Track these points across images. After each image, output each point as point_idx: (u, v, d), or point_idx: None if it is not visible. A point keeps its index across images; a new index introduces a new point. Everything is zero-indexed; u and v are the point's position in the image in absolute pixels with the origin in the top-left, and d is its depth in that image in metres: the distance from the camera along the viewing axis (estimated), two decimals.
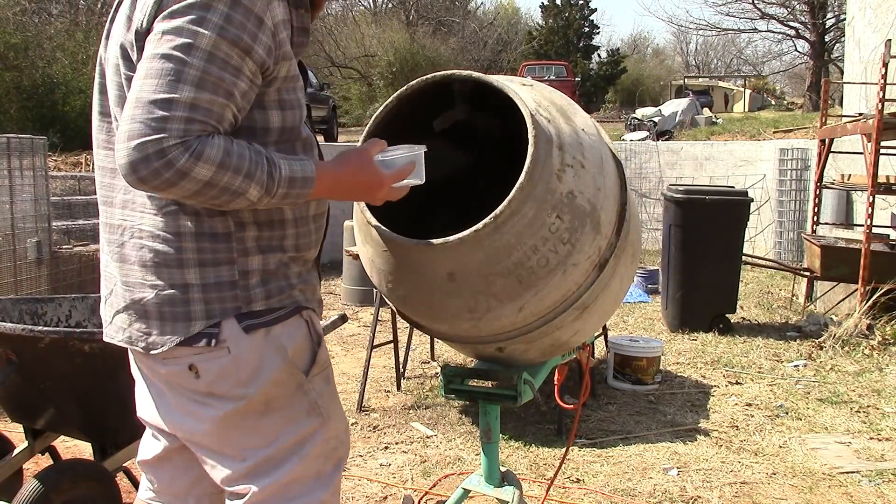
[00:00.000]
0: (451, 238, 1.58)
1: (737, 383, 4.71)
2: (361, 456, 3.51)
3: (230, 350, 1.36)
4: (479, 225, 1.57)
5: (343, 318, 2.82)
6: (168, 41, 1.23)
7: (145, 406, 1.55)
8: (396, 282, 1.77)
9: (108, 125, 1.44)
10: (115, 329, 1.44)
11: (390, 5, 30.61)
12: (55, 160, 11.43)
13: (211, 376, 1.37)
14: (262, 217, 1.39)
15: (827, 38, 25.19)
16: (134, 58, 1.31)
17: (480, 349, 1.92)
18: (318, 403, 1.45)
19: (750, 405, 4.28)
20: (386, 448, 3.62)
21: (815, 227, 7.45)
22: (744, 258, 6.33)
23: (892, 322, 5.57)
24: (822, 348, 5.38)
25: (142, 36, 1.29)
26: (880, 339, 5.37)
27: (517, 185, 1.58)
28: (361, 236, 1.84)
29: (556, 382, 2.37)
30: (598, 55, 36.39)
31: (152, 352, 1.38)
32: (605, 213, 1.72)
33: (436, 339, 4.81)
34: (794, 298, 7.41)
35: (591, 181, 1.68)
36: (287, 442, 1.42)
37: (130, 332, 1.41)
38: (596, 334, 2.60)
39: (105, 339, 1.48)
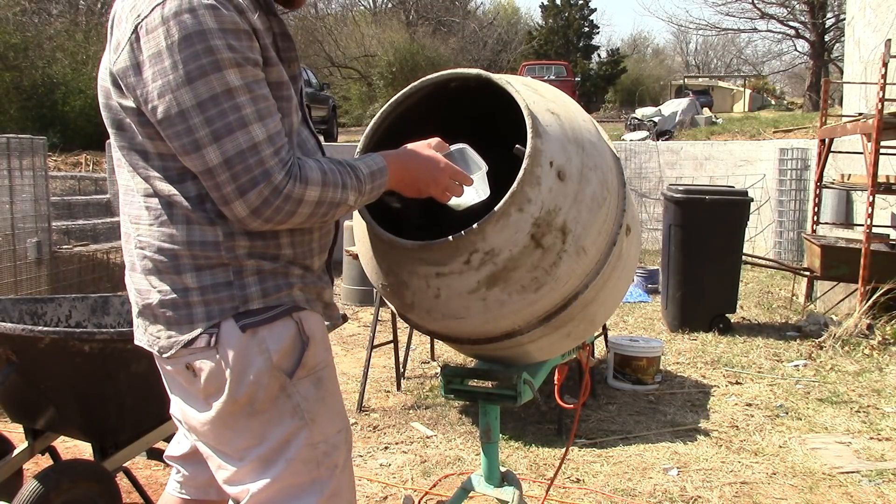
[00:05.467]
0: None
1: (737, 383, 4.71)
2: (361, 456, 3.51)
3: (218, 351, 1.38)
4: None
5: (343, 318, 2.82)
6: (198, 88, 1.24)
7: (174, 404, 1.59)
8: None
9: (118, 145, 1.45)
10: (140, 332, 1.49)
11: (390, 5, 30.62)
12: (55, 160, 11.43)
13: (205, 375, 1.40)
14: None
15: (827, 38, 25.19)
16: (125, 92, 1.33)
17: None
18: (300, 406, 1.43)
19: (750, 405, 4.28)
20: (386, 448, 3.62)
21: (815, 226, 7.46)
22: (744, 258, 6.33)
23: (892, 322, 5.57)
24: (822, 348, 5.37)
25: (125, 73, 1.31)
26: (880, 338, 5.37)
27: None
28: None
29: (556, 382, 2.37)
30: (598, 55, 36.45)
31: (164, 355, 1.43)
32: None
33: (436, 340, 4.81)
34: (794, 298, 7.42)
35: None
36: (275, 442, 1.43)
37: (147, 335, 1.46)
38: (596, 334, 2.59)
39: (135, 342, 1.52)
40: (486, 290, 1.64)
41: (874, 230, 6.00)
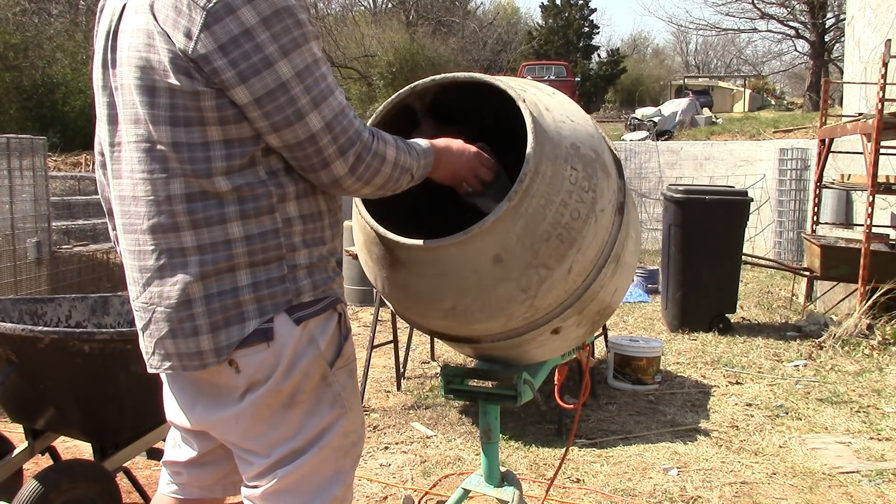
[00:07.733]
0: (488, 219, 1.57)
1: (737, 383, 4.71)
2: (361, 456, 3.50)
3: (270, 345, 1.38)
4: (511, 192, 1.56)
5: None
6: (295, 59, 1.30)
7: (175, 410, 1.57)
8: (434, 290, 1.71)
9: (135, 153, 1.37)
10: (160, 359, 1.43)
11: (390, 5, 30.60)
12: (55, 160, 11.45)
13: (251, 370, 1.39)
14: (304, 210, 1.43)
15: (827, 38, 25.18)
16: (199, 77, 1.28)
17: (529, 340, 1.86)
18: (340, 395, 1.48)
19: (750, 405, 4.28)
20: (386, 448, 3.62)
21: (815, 226, 7.46)
22: (744, 258, 6.33)
23: (892, 322, 5.58)
24: (822, 348, 5.38)
25: (209, 58, 1.27)
26: (880, 338, 5.37)
27: (530, 145, 1.58)
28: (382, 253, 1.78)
29: (556, 382, 2.37)
30: (598, 55, 36.42)
31: (208, 366, 1.38)
32: (606, 157, 1.78)
33: (436, 340, 4.80)
34: (794, 298, 7.42)
35: (584, 131, 1.75)
36: (309, 433, 1.45)
37: (179, 356, 1.40)
38: (596, 334, 2.59)
39: (150, 370, 1.45)
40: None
41: (874, 230, 6.01)
